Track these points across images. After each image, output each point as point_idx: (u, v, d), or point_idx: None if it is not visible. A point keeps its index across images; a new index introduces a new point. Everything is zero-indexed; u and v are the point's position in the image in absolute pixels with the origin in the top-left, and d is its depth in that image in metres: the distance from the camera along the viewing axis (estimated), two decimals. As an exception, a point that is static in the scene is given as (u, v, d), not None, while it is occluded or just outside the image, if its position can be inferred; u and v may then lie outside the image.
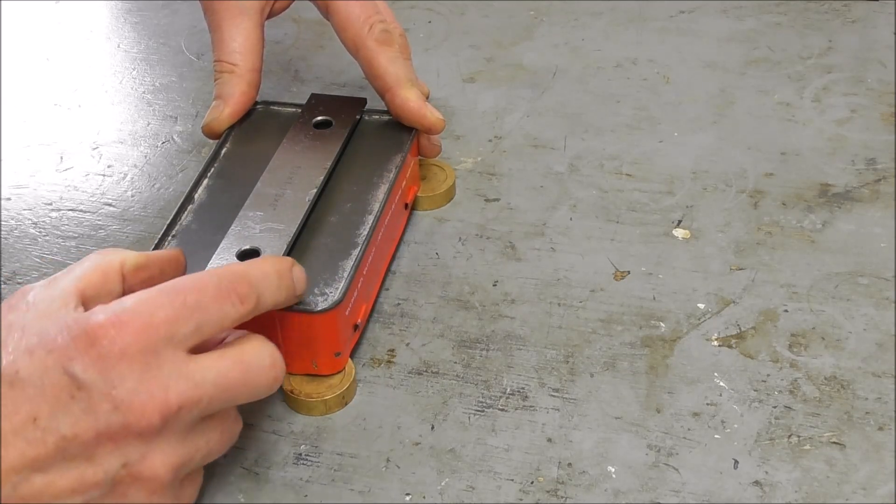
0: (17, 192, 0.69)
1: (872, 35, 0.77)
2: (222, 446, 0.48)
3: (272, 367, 0.47)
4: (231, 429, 0.48)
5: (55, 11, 0.87)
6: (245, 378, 0.46)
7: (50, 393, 0.41)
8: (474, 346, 0.57)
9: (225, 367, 0.45)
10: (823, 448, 0.51)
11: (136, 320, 0.43)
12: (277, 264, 0.49)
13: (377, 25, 0.63)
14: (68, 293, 0.45)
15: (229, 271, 0.47)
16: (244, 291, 0.46)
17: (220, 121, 0.63)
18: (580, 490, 0.49)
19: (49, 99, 0.77)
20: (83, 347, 0.42)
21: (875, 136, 0.68)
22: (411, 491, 0.50)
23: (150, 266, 0.49)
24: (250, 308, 0.47)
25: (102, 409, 0.42)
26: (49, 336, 0.42)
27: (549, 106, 0.73)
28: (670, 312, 0.58)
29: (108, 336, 0.42)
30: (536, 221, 0.64)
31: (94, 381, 0.42)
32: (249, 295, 0.47)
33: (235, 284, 0.46)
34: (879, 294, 0.58)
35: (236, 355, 0.46)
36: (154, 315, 0.43)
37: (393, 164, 0.61)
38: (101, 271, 0.47)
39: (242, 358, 0.46)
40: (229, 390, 0.45)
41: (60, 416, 0.41)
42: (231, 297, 0.46)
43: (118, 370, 0.42)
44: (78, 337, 0.42)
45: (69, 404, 0.42)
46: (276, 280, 0.49)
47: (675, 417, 0.52)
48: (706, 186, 0.65)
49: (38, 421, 0.41)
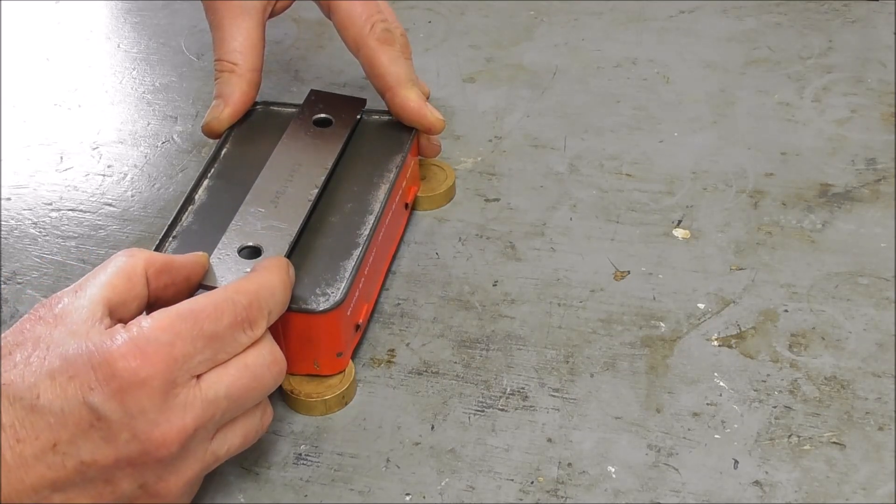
0: (17, 192, 0.69)
1: (872, 35, 0.77)
2: (247, 444, 0.48)
3: (274, 363, 0.48)
4: (258, 425, 0.49)
5: (55, 11, 0.87)
6: (253, 382, 0.46)
7: (70, 421, 0.42)
8: (474, 346, 0.57)
9: (232, 378, 0.46)
10: (823, 448, 0.51)
11: (157, 351, 0.43)
12: (283, 275, 0.49)
13: (378, 25, 0.63)
14: (95, 303, 0.45)
15: (243, 293, 0.47)
16: (255, 317, 0.47)
17: (221, 120, 0.63)
18: (580, 490, 0.49)
19: (49, 99, 0.77)
20: (103, 378, 0.42)
21: (875, 136, 0.68)
22: (411, 491, 0.50)
23: (173, 271, 0.49)
24: (260, 332, 0.47)
25: (122, 439, 0.42)
26: (70, 360, 0.43)
27: (549, 106, 0.73)
28: (670, 312, 0.58)
29: (129, 368, 0.42)
30: (536, 221, 0.64)
31: (114, 412, 0.42)
32: (260, 320, 0.47)
33: (249, 311, 0.46)
34: (879, 294, 0.58)
35: (240, 362, 0.46)
36: (174, 346, 0.43)
37: (393, 164, 0.61)
38: (127, 276, 0.47)
39: (247, 363, 0.46)
40: (241, 398, 0.46)
41: (80, 442, 0.42)
42: (244, 325, 0.46)
43: (137, 401, 0.42)
44: (98, 366, 0.42)
45: (88, 432, 0.42)
46: (283, 295, 0.49)
47: (675, 417, 0.52)
48: (706, 186, 0.65)
49: (58, 447, 0.42)
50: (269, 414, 0.50)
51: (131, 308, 0.46)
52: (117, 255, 0.48)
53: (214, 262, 0.53)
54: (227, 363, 0.46)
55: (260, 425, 0.49)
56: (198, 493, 0.50)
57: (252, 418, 0.48)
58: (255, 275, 0.49)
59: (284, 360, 0.48)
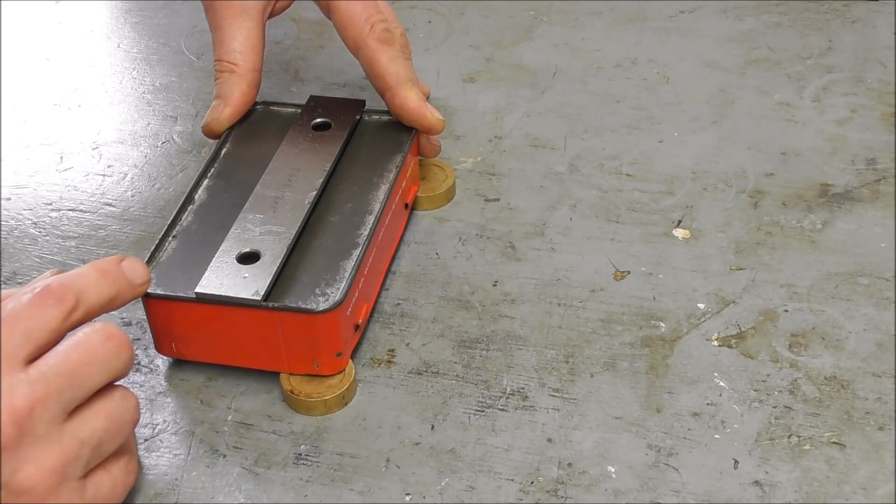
0: (17, 192, 0.69)
1: (872, 35, 0.77)
2: (117, 429, 0.47)
3: (108, 339, 0.46)
4: (121, 409, 0.47)
5: (55, 11, 0.87)
6: (85, 357, 0.45)
7: None
8: (474, 346, 0.57)
9: (61, 356, 0.45)
10: (823, 448, 0.51)
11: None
12: (98, 262, 0.49)
13: (378, 25, 0.63)
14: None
15: (42, 280, 0.47)
16: (59, 291, 0.46)
17: (220, 121, 0.63)
18: (580, 490, 0.49)
19: (49, 99, 0.77)
20: None
21: (875, 136, 0.68)
22: (411, 491, 0.50)
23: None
24: (71, 305, 0.46)
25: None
26: None
27: (549, 106, 0.73)
28: (670, 312, 0.58)
29: None
30: (536, 221, 0.64)
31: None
32: (66, 294, 0.46)
33: (48, 289, 0.46)
34: (879, 294, 0.58)
35: (69, 341, 0.46)
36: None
37: (393, 164, 0.61)
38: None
39: (76, 341, 0.46)
40: (75, 374, 0.45)
41: None
42: (48, 300, 0.46)
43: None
44: None
45: None
46: (96, 276, 0.48)
47: (675, 417, 0.52)
48: (706, 186, 0.65)
49: None
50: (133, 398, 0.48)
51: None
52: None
53: (214, 269, 0.53)
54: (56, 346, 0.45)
55: (124, 408, 0.47)
56: (197, 492, 0.50)
57: (111, 401, 0.47)
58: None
59: (124, 337, 0.47)
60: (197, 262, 0.54)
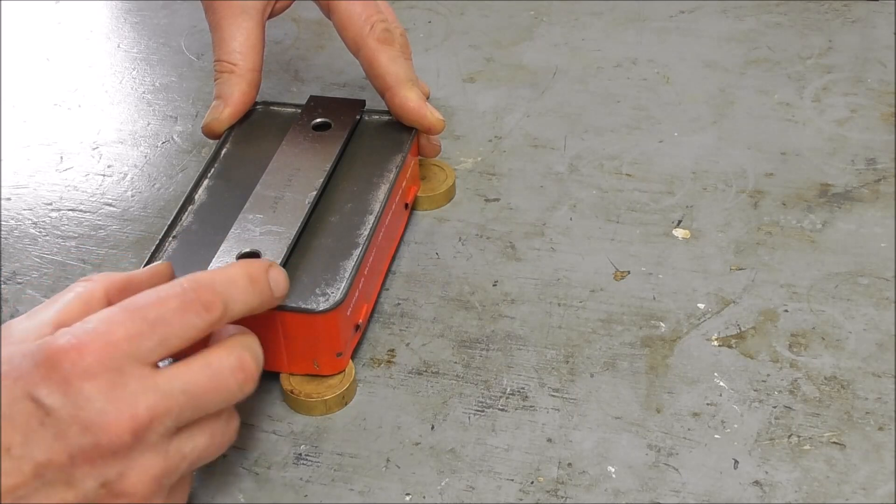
0: (17, 192, 0.69)
1: (872, 35, 0.77)
2: (215, 448, 0.47)
3: (240, 370, 0.46)
4: (224, 431, 0.48)
5: (55, 11, 0.87)
6: (213, 384, 0.45)
7: (20, 421, 0.41)
8: (474, 346, 0.57)
9: (192, 375, 0.45)
10: (823, 448, 0.51)
11: (96, 340, 0.43)
12: (249, 267, 0.48)
13: (378, 25, 0.63)
14: (44, 323, 0.45)
15: (193, 280, 0.46)
16: (208, 299, 0.46)
17: (220, 121, 0.63)
18: (580, 490, 0.50)
19: (49, 99, 0.77)
20: (46, 372, 0.42)
21: (875, 136, 0.68)
22: (411, 491, 0.50)
23: (133, 287, 0.48)
24: (217, 316, 0.46)
25: (72, 432, 0.42)
26: (15, 364, 0.42)
27: (549, 106, 0.73)
28: (670, 312, 0.58)
29: (70, 358, 0.42)
30: (536, 221, 0.64)
31: (61, 405, 0.42)
32: (214, 303, 0.46)
33: (199, 293, 0.45)
34: (879, 294, 0.58)
35: (202, 361, 0.45)
36: (113, 333, 0.43)
37: (393, 164, 0.61)
38: (83, 300, 0.46)
39: (209, 363, 0.45)
40: (199, 397, 0.45)
41: (33, 443, 0.41)
42: (195, 307, 0.45)
43: (83, 391, 0.42)
44: (40, 363, 0.42)
45: (39, 431, 0.42)
46: (245, 284, 0.48)
47: (675, 417, 0.52)
48: (706, 186, 0.65)
49: (12, 451, 0.41)
50: (236, 421, 0.48)
51: None
52: (75, 283, 0.47)
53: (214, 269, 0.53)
54: (190, 361, 0.45)
55: (226, 430, 0.48)
56: (197, 492, 0.50)
57: (217, 421, 0.47)
58: (214, 268, 0.48)
59: (255, 370, 0.47)
60: (197, 263, 0.54)
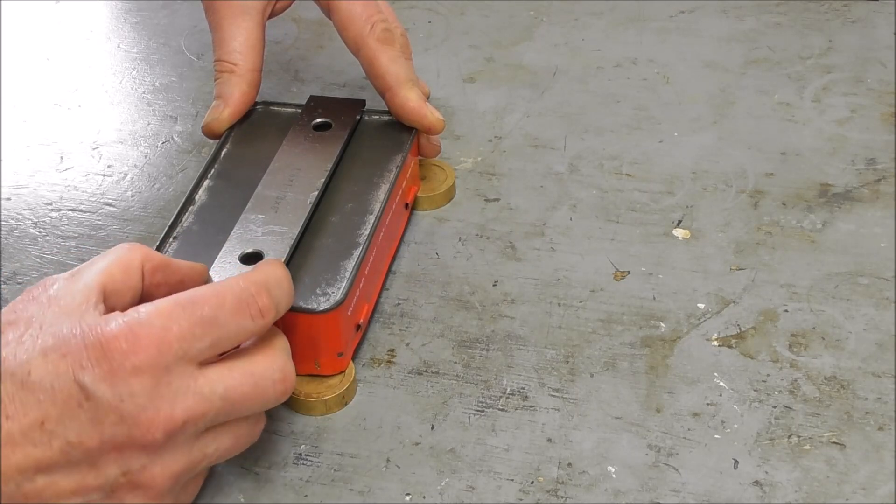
0: (17, 192, 0.69)
1: (872, 35, 0.77)
2: (237, 449, 0.48)
3: (282, 381, 0.47)
4: (249, 432, 0.48)
5: (55, 11, 0.87)
6: (254, 392, 0.46)
7: (59, 399, 0.42)
8: (474, 346, 0.57)
9: (234, 381, 0.45)
10: (823, 448, 0.51)
11: (150, 334, 0.43)
12: (286, 270, 0.49)
13: (379, 24, 0.63)
14: (90, 288, 0.45)
15: (250, 282, 0.46)
16: (265, 304, 0.46)
17: (221, 121, 0.63)
18: (580, 490, 0.50)
19: (49, 99, 0.77)
20: (95, 358, 0.42)
21: (875, 136, 0.68)
22: (411, 491, 0.50)
23: (168, 271, 0.48)
24: (269, 321, 0.47)
25: (108, 421, 0.42)
26: (64, 339, 0.42)
27: (549, 106, 0.73)
28: (670, 312, 0.58)
29: (121, 349, 0.42)
30: (536, 221, 0.64)
31: (103, 393, 0.42)
32: (269, 307, 0.46)
33: (257, 297, 0.46)
34: (879, 294, 0.58)
35: (246, 368, 0.46)
36: (168, 330, 0.43)
37: (393, 164, 0.61)
38: (124, 266, 0.46)
39: (253, 371, 0.46)
40: (237, 403, 0.45)
41: (67, 422, 0.42)
42: (251, 310, 0.46)
43: (128, 384, 0.42)
44: (91, 346, 0.42)
45: (77, 412, 0.42)
46: (289, 287, 0.48)
47: (675, 417, 0.52)
48: (706, 186, 0.65)
49: (46, 425, 0.42)
50: (263, 423, 0.49)
51: (125, 299, 0.46)
52: (117, 247, 0.47)
53: (216, 269, 0.53)
54: (233, 365, 0.45)
55: (252, 432, 0.48)
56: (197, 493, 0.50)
57: (245, 424, 0.47)
58: (260, 267, 0.48)
59: (293, 379, 0.48)
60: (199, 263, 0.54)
